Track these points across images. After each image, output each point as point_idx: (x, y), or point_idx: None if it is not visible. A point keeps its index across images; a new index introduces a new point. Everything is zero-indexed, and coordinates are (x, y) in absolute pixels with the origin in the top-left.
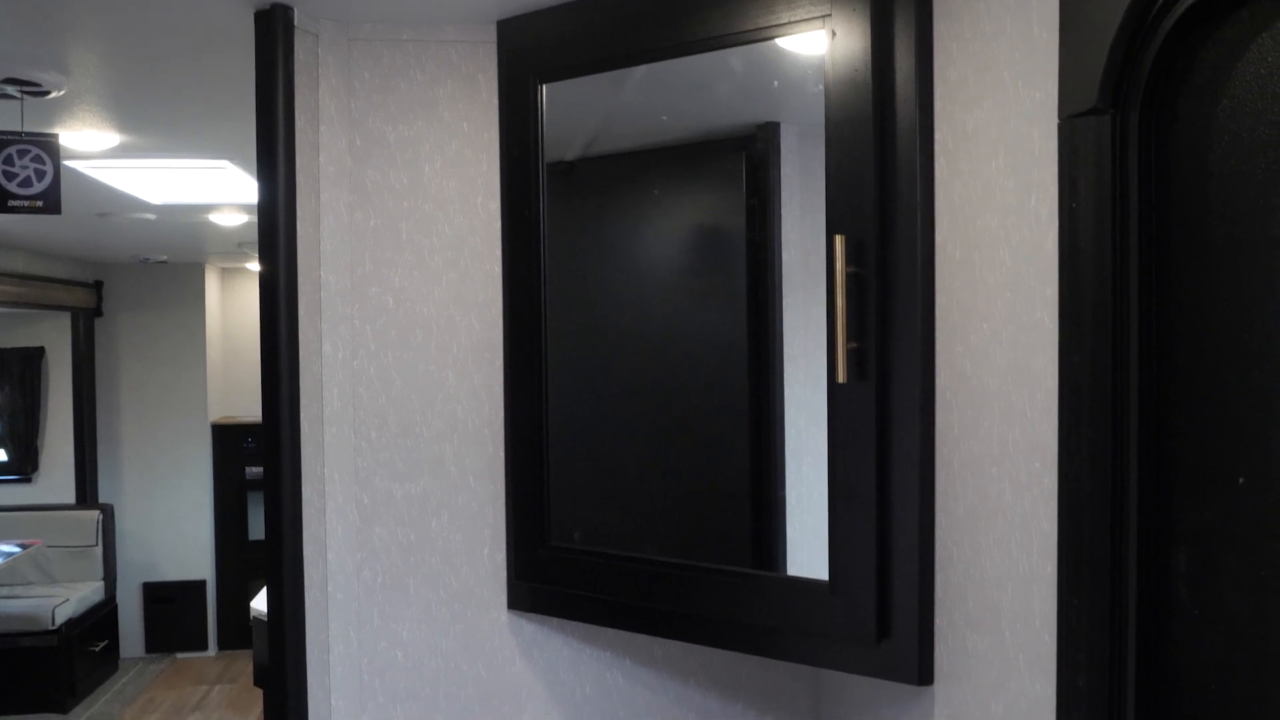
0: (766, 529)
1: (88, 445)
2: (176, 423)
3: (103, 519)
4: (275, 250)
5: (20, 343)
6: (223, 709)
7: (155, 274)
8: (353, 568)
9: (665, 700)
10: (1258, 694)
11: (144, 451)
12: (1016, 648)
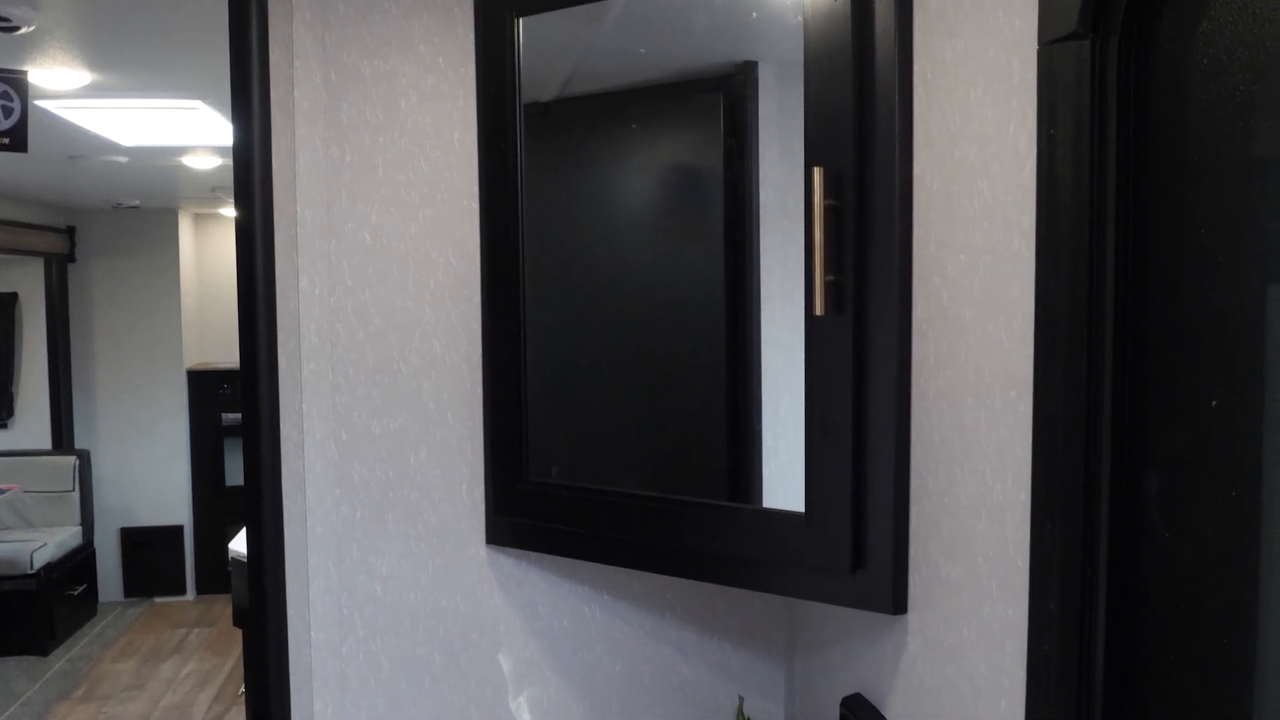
0: (743, 462)
1: (63, 391)
2: (152, 369)
3: (79, 464)
4: (251, 185)
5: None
6: (202, 651)
7: (128, 219)
8: (331, 503)
9: (642, 634)
10: (1226, 612)
11: (120, 398)
12: (990, 574)
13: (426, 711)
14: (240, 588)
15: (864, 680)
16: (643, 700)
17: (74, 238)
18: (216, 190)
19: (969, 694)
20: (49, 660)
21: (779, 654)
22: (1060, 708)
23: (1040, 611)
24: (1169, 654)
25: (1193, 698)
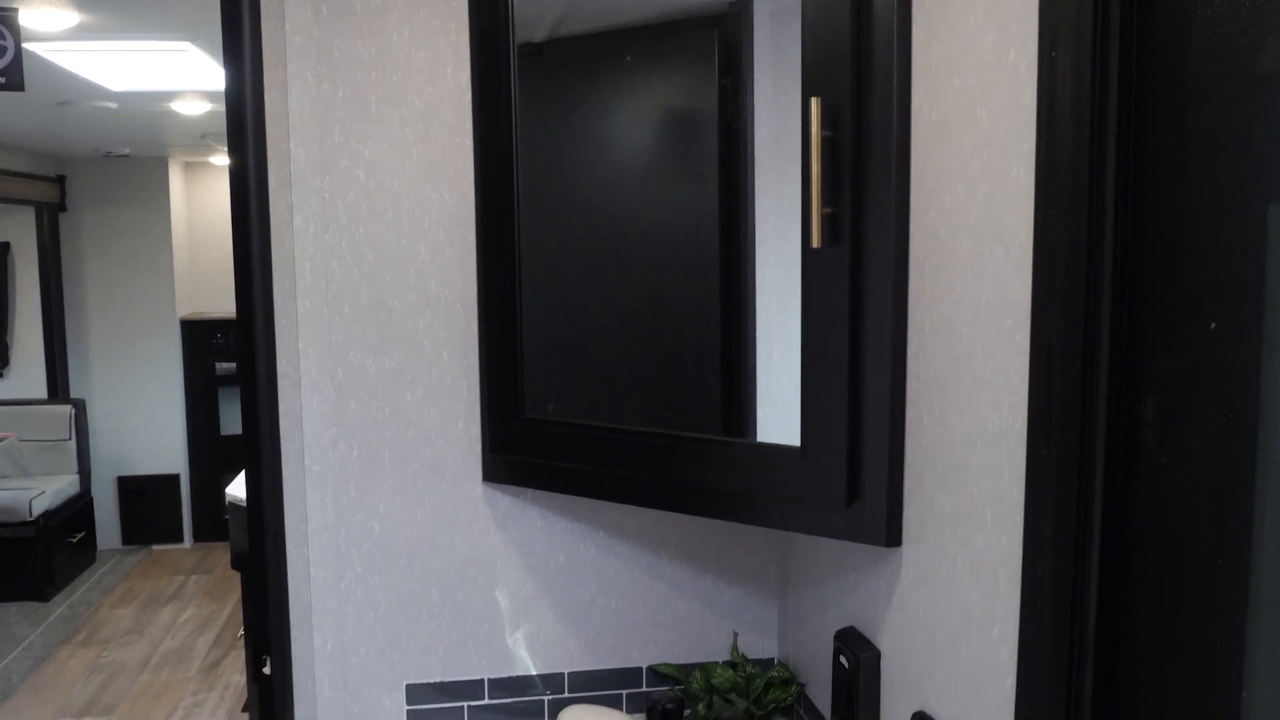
0: (737, 397)
1: (57, 341)
2: (145, 319)
3: (75, 413)
4: (243, 121)
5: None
6: (200, 597)
7: (118, 168)
8: (329, 441)
9: (637, 571)
10: (1220, 535)
11: (113, 347)
12: (984, 504)
13: (424, 646)
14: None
15: (857, 614)
16: (637, 634)
17: (65, 187)
18: (206, 137)
19: (961, 623)
20: (49, 606)
21: (773, 591)
22: (1053, 633)
23: (1034, 538)
24: (1163, 578)
25: (1186, 621)
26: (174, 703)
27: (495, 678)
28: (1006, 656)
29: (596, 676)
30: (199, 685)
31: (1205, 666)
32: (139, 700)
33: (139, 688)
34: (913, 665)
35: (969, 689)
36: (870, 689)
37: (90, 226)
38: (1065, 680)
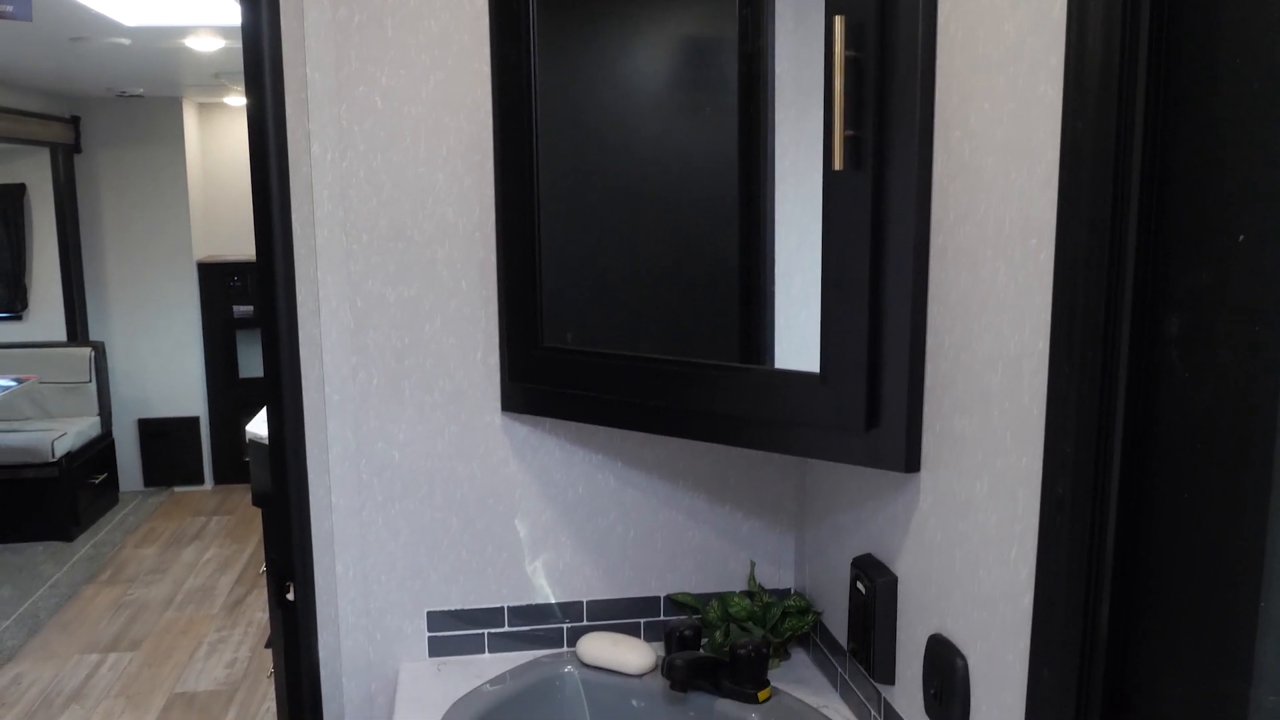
0: (756, 324)
1: (75, 284)
2: (162, 261)
3: (95, 356)
4: (259, 46)
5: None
6: (221, 538)
7: (132, 109)
8: (349, 370)
9: (655, 501)
10: (1242, 449)
11: (131, 291)
12: (1004, 425)
13: (444, 574)
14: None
15: (874, 541)
16: (654, 563)
17: (79, 128)
18: (220, 76)
19: (979, 545)
20: (74, 545)
21: (790, 522)
22: (1071, 551)
23: (1054, 455)
24: (1183, 492)
25: (1206, 534)
26: (198, 638)
27: (515, 605)
28: (1024, 576)
29: (615, 605)
30: (222, 622)
31: (1224, 579)
32: (164, 636)
33: (164, 624)
34: (929, 589)
35: (986, 610)
36: (887, 614)
37: (106, 168)
38: (1083, 596)
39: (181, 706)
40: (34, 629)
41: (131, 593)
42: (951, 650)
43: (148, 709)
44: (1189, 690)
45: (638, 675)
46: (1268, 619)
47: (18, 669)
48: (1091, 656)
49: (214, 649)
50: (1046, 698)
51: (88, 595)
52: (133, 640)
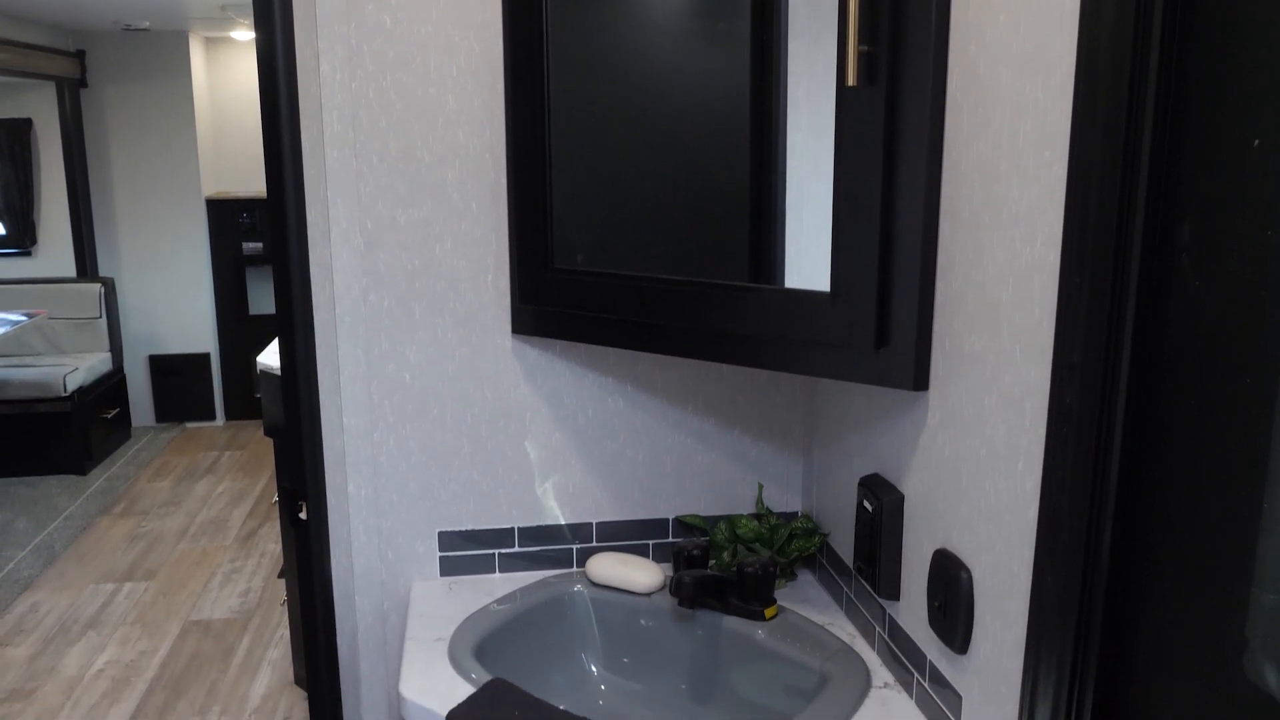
0: (767, 244)
1: (84, 219)
2: (171, 197)
3: (105, 292)
4: None
5: (6, 114)
6: (234, 472)
7: (138, 43)
8: (359, 292)
9: (664, 425)
10: (1250, 355)
11: (140, 227)
12: (1013, 340)
13: (455, 495)
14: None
15: (882, 461)
16: (663, 486)
17: (84, 62)
18: (227, 9)
19: (986, 459)
20: (88, 479)
21: (798, 447)
22: (1078, 460)
23: (1063, 366)
24: (1192, 401)
25: (1212, 441)
26: (212, 569)
27: (525, 526)
28: (1030, 487)
29: (624, 527)
30: (236, 553)
31: (1228, 483)
32: (178, 566)
33: (178, 555)
34: (936, 505)
35: (991, 523)
36: (893, 531)
37: (112, 103)
38: (1088, 504)
39: (197, 633)
40: (50, 559)
41: (145, 525)
42: (956, 564)
43: (163, 635)
44: (1191, 592)
45: (646, 594)
46: (1270, 519)
47: (34, 597)
48: (1095, 563)
49: (228, 579)
50: (1050, 605)
51: (102, 527)
52: (147, 570)
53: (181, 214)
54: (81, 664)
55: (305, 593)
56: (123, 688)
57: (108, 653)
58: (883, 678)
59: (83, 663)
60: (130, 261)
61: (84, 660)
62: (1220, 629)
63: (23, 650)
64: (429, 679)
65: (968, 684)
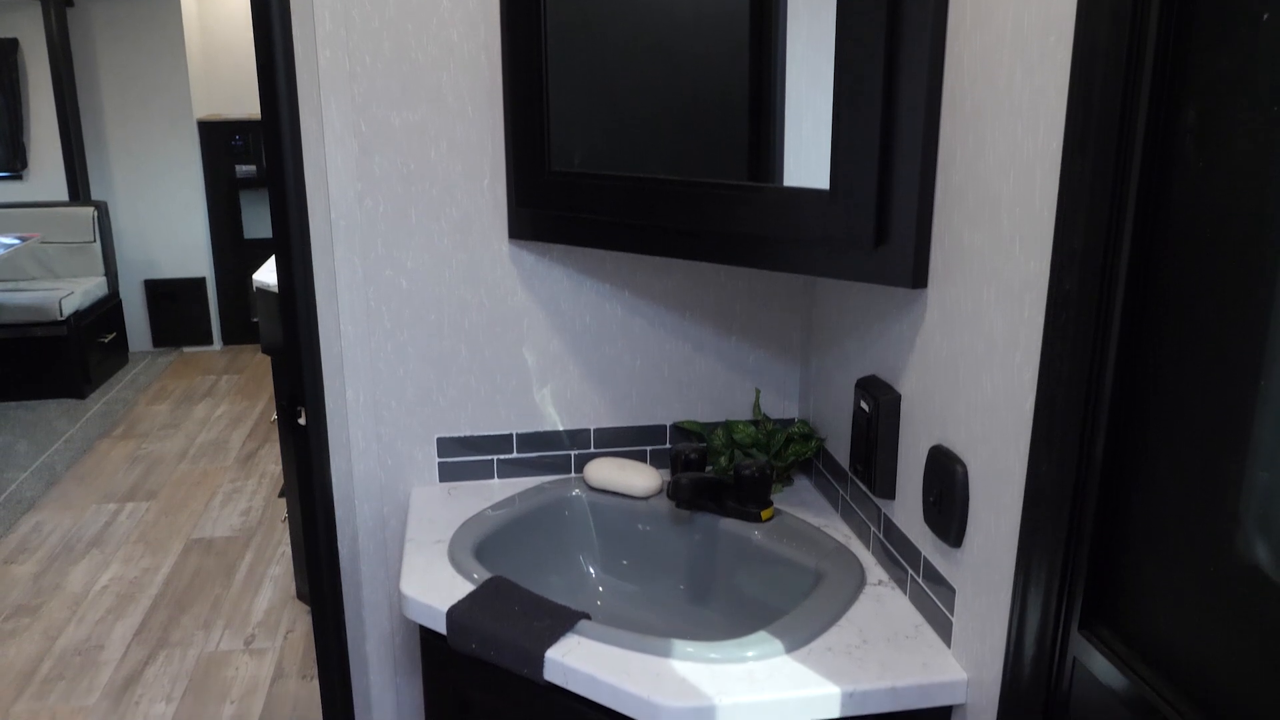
0: (765, 142)
1: (75, 142)
2: (162, 120)
3: (98, 216)
4: None
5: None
6: (232, 396)
7: None
8: (354, 196)
9: (662, 332)
10: (1253, 237)
11: (131, 150)
12: (1013, 232)
13: (453, 401)
14: (267, 320)
15: (879, 363)
16: (661, 392)
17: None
18: None
19: (984, 353)
20: (87, 403)
21: (796, 354)
22: (1075, 344)
23: (1063, 253)
24: (1191, 285)
25: (1213, 326)
26: (213, 489)
27: (523, 433)
28: (1028, 379)
29: (621, 433)
30: (236, 474)
31: (1227, 362)
32: (179, 487)
33: (179, 476)
34: (932, 403)
35: (988, 416)
36: (889, 429)
37: (100, 22)
38: (1085, 389)
39: (199, 551)
40: (51, 481)
41: (145, 447)
42: (952, 459)
43: (166, 553)
44: (1185, 473)
45: (643, 497)
46: (1267, 397)
47: (38, 517)
48: (1090, 449)
49: (228, 499)
50: (1044, 492)
51: (102, 449)
52: (149, 491)
53: (173, 136)
54: (86, 581)
55: (305, 498)
56: (127, 603)
57: (111, 570)
58: (877, 575)
59: (87, 580)
60: (123, 185)
61: (88, 577)
62: (1213, 508)
63: (27, 568)
64: (429, 578)
65: (961, 577)
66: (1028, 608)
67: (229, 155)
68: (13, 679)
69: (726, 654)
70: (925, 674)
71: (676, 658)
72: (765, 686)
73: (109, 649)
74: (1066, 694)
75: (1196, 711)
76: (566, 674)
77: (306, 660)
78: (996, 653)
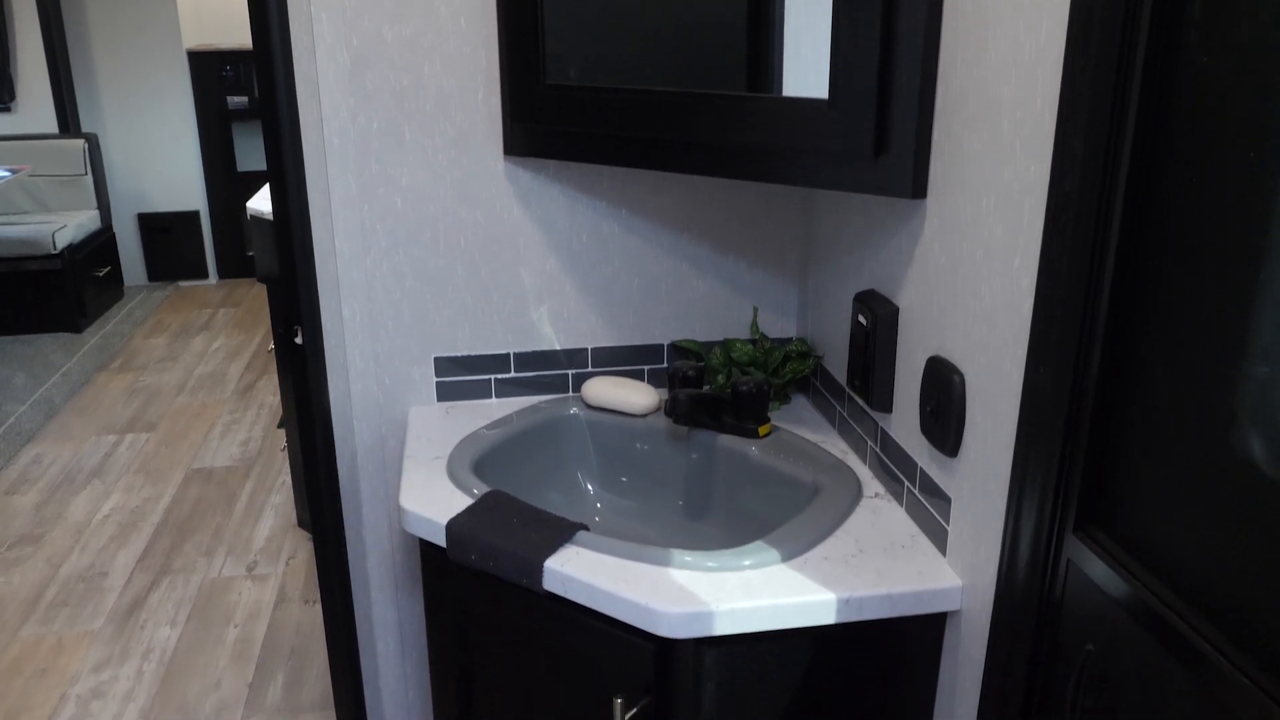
0: (763, 51)
1: (63, 73)
2: (151, 50)
3: (89, 148)
4: None
5: None
6: (229, 329)
7: None
8: (347, 113)
9: (659, 250)
10: (1256, 130)
11: (121, 81)
12: (1014, 136)
13: (450, 320)
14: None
15: (877, 277)
16: (658, 311)
17: None
18: None
19: (983, 260)
20: (83, 337)
21: (794, 272)
22: (1075, 245)
23: (1064, 153)
24: (1193, 179)
25: (1214, 220)
26: (212, 420)
27: (520, 352)
28: (1026, 284)
29: (619, 352)
30: (235, 405)
31: (1227, 258)
32: (179, 418)
33: (177, 407)
34: (930, 314)
35: (986, 323)
36: (887, 342)
37: None
38: (1084, 290)
39: (200, 480)
40: (50, 413)
41: (143, 379)
42: (949, 368)
43: (167, 483)
44: (1181, 369)
45: (641, 415)
46: (1266, 291)
47: (38, 449)
48: (1089, 349)
49: (228, 430)
50: (1041, 394)
51: (100, 382)
52: (148, 422)
53: (163, 67)
54: (88, 510)
55: (304, 417)
56: (130, 532)
57: (113, 499)
58: (874, 489)
59: (89, 509)
60: (113, 117)
61: (90, 507)
62: (1209, 404)
63: (29, 498)
64: (428, 493)
65: (957, 486)
66: (1023, 513)
67: (220, 86)
68: (18, 605)
69: (724, 563)
70: (921, 581)
71: (674, 566)
72: (762, 593)
73: (113, 575)
74: (1060, 596)
75: (1190, 609)
76: (565, 583)
77: (309, 585)
78: (991, 559)
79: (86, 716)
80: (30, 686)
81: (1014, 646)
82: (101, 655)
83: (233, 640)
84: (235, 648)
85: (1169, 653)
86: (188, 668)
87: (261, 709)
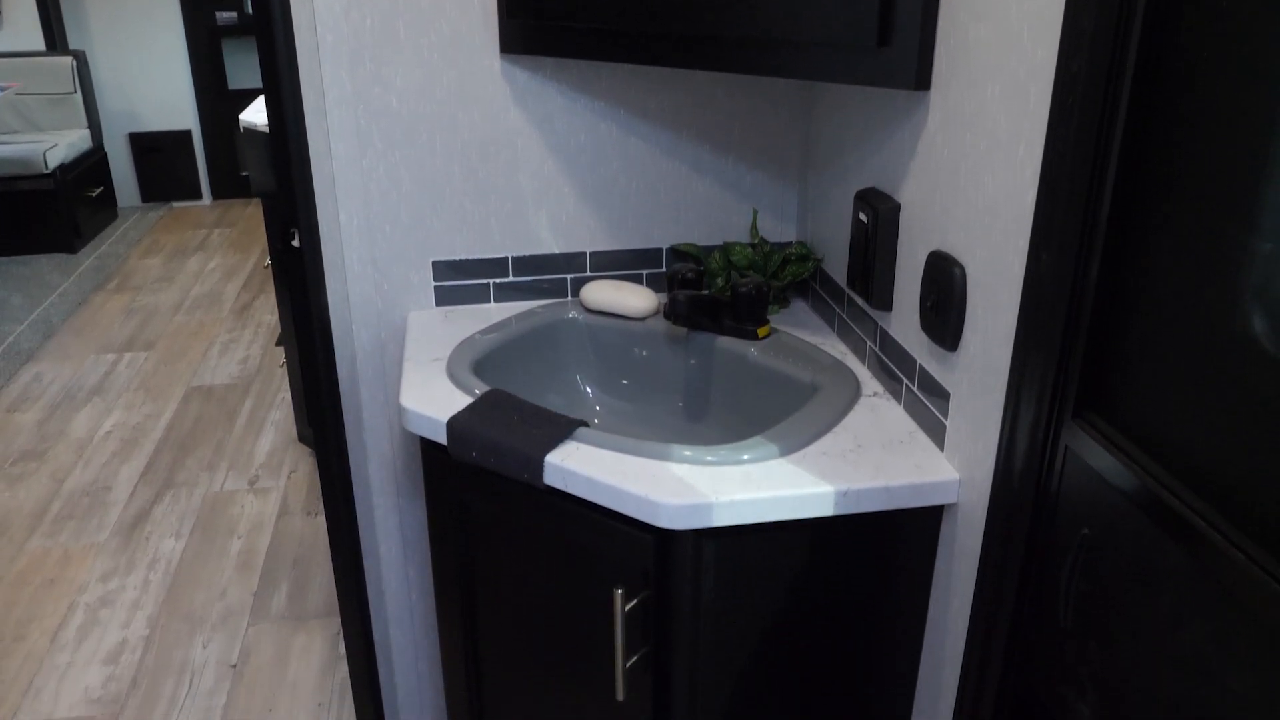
0: None
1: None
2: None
3: (77, 65)
4: None
5: None
6: (225, 249)
7: None
8: (340, 10)
9: (658, 151)
10: (1269, 7)
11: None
12: (1021, 20)
13: (448, 224)
14: (256, 165)
15: (878, 174)
16: (657, 214)
17: None
18: None
19: (986, 151)
20: (78, 257)
21: (794, 174)
22: (1080, 127)
23: (1072, 33)
24: (1205, 54)
25: (1225, 92)
26: (210, 338)
27: (519, 256)
28: (1030, 173)
29: (618, 256)
30: (232, 324)
31: (1237, 132)
32: (176, 337)
33: (175, 327)
34: (932, 208)
35: (988, 215)
36: (888, 239)
37: None
38: (1088, 173)
39: (199, 398)
40: (48, 333)
41: (140, 299)
42: (950, 261)
43: (167, 400)
44: (1186, 246)
45: (640, 318)
46: (1276, 165)
47: (37, 368)
48: (1092, 230)
49: (226, 348)
50: (1043, 280)
51: (97, 302)
52: (146, 341)
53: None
54: (89, 427)
55: (302, 323)
56: (131, 448)
57: (114, 416)
58: (873, 388)
59: (90, 426)
60: (101, 34)
61: (91, 424)
62: (1213, 283)
63: (30, 416)
64: (428, 393)
65: (956, 380)
66: (1021, 402)
67: (209, 1)
68: (24, 519)
69: (723, 457)
70: (918, 474)
71: (674, 461)
72: (761, 486)
73: (116, 490)
74: (1057, 485)
75: (1189, 492)
76: (566, 477)
77: (310, 498)
78: (989, 452)
79: (96, 624)
80: (40, 595)
81: (1010, 535)
82: (108, 566)
83: (236, 551)
84: (239, 558)
85: (1164, 532)
86: (193, 578)
87: (267, 616)
